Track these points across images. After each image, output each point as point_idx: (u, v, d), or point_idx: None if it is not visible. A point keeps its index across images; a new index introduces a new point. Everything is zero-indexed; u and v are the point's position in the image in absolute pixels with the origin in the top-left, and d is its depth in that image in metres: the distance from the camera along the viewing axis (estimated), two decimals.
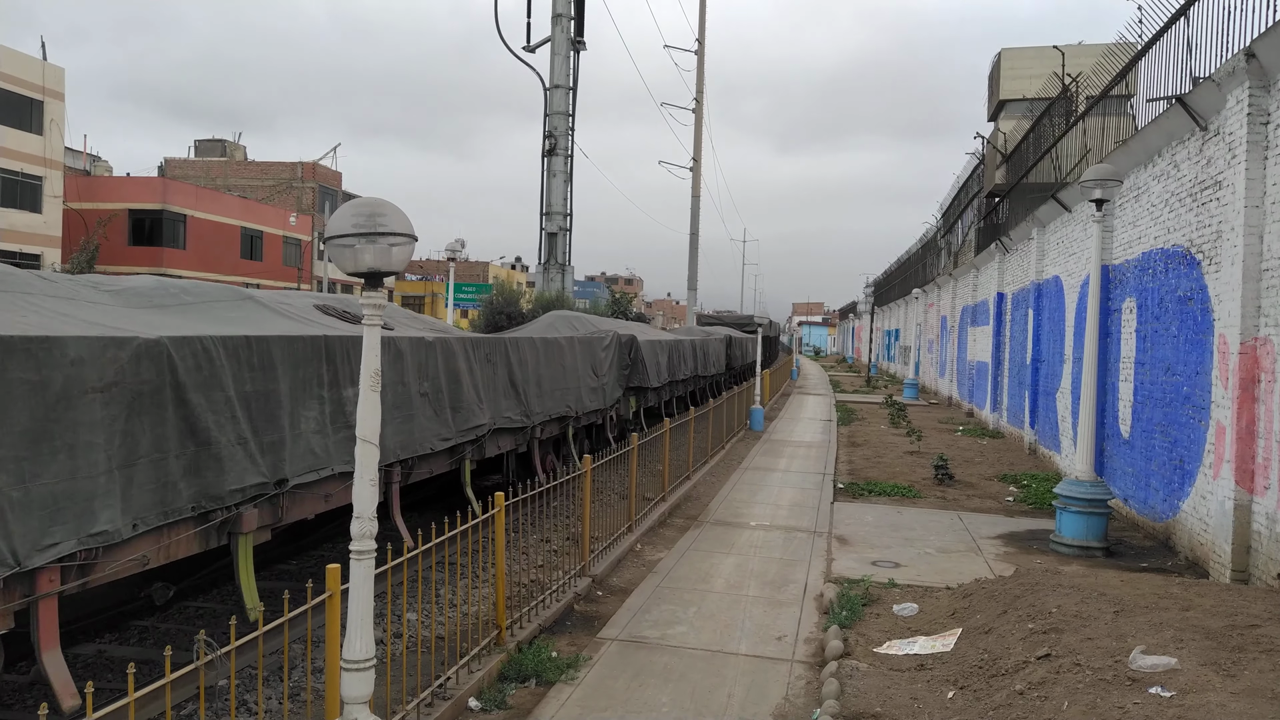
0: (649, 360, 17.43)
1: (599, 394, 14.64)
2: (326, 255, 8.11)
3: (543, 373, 12.11)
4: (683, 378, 21.71)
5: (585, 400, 13.91)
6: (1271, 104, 9.19)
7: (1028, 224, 20.92)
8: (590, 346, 14.63)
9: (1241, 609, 6.68)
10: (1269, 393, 8.97)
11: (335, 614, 4.71)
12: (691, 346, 23.20)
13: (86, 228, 43.25)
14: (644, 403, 18.23)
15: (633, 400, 17.16)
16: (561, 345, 13.12)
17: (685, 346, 22.25)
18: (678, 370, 20.84)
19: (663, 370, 18.82)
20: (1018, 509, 13.87)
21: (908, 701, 6.10)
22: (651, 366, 17.59)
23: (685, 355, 22.04)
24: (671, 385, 20.66)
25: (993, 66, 36.52)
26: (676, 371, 20.63)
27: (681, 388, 22.54)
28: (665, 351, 19.31)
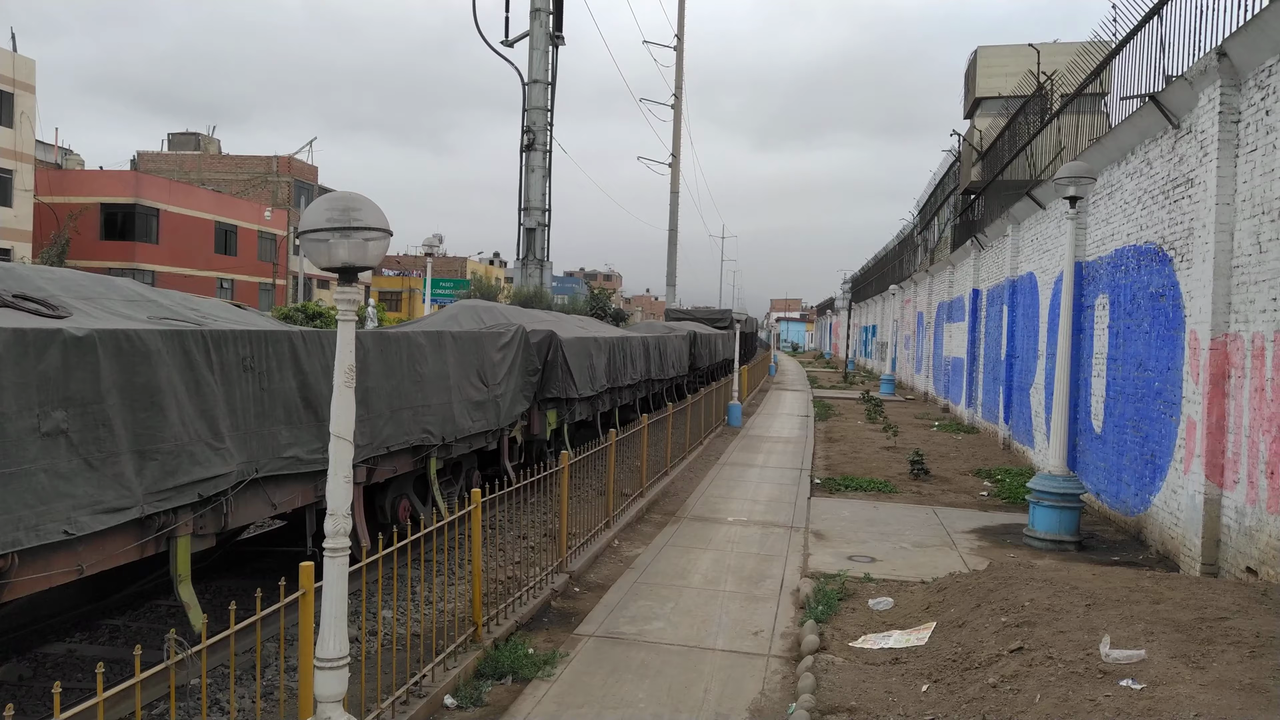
0: (576, 363, 14.22)
1: (488, 410, 11.00)
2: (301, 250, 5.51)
3: (379, 385, 8.41)
4: (629, 382, 18.24)
5: (462, 420, 10.18)
6: (1243, 102, 9.30)
7: (1003, 221, 21.08)
8: (476, 346, 10.87)
9: (1211, 602, 6.76)
10: (1239, 388, 9.08)
11: (309, 612, 4.67)
12: (643, 346, 19.84)
13: (58, 222, 42.69)
14: (570, 416, 14.38)
15: (552, 415, 13.68)
16: (419, 344, 9.33)
17: (634, 346, 18.86)
18: (623, 374, 17.59)
19: (598, 375, 15.65)
20: (992, 503, 13.99)
21: (882, 695, 6.13)
22: (581, 371, 14.49)
23: (633, 356, 18.67)
24: (614, 393, 17.28)
25: (969, 64, 36.75)
26: (621, 375, 17.40)
27: (628, 394, 18.82)
28: (604, 352, 16.18)
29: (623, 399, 18.30)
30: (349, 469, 4.55)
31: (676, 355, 24.30)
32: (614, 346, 17.04)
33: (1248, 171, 9.07)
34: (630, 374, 18.31)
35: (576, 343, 14.51)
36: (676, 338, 24.76)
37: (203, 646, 4.18)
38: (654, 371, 21.06)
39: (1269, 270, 8.54)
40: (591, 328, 18.59)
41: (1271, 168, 8.58)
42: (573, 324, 17.67)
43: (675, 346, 24.24)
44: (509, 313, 14.99)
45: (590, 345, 15.28)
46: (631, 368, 18.45)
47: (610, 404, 17.18)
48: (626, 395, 18.62)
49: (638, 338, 19.76)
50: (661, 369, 21.98)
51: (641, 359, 19.56)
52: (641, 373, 19.43)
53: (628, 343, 18.35)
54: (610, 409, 17.42)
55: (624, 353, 17.94)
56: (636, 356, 19.05)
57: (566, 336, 14.17)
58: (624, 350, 17.94)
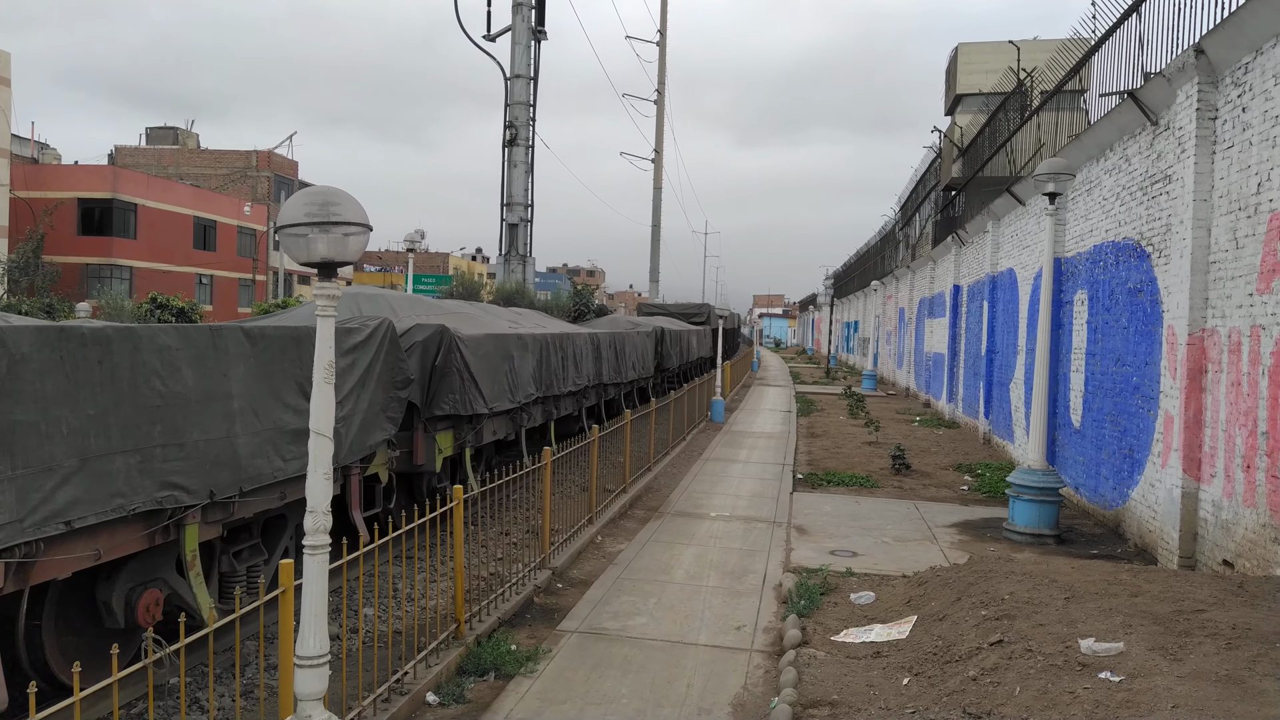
0: (484, 368, 11.10)
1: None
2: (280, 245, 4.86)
3: (49, 416, 5.11)
4: (571, 389, 15.33)
5: (261, 460, 6.85)
6: (1220, 99, 9.38)
7: (983, 217, 21.19)
8: (295, 349, 7.37)
9: (1188, 594, 6.83)
10: (1216, 383, 9.17)
11: (289, 610, 4.64)
12: (592, 345, 16.76)
13: (34, 217, 42.17)
14: (475, 438, 11.20)
15: (446, 438, 10.48)
16: (163, 347, 5.98)
17: (578, 345, 15.74)
18: (561, 379, 14.72)
19: (521, 382, 12.62)
20: (972, 498, 14.08)
21: (864, 689, 6.16)
22: (492, 378, 11.46)
23: (577, 357, 15.67)
24: (548, 403, 14.36)
25: (950, 61, 36.93)
26: (559, 381, 14.59)
27: (570, 403, 15.87)
28: (532, 353, 13.17)
29: (562, 409, 15.44)
30: (329, 466, 4.52)
31: (639, 355, 21.31)
32: (548, 346, 14.02)
33: (1225, 168, 9.16)
34: (573, 378, 15.43)
35: (486, 341, 11.34)
36: (639, 335, 21.77)
37: (181, 645, 4.15)
38: (608, 374, 17.92)
39: (1245, 266, 8.63)
40: (527, 322, 15.60)
41: (1248, 164, 8.66)
42: (495, 318, 14.34)
43: (637, 345, 21.18)
44: (399, 303, 11.89)
45: (511, 345, 12.30)
46: (575, 370, 15.52)
47: (543, 416, 14.27)
48: (568, 404, 15.77)
49: (584, 335, 16.52)
50: (618, 371, 18.90)
51: (589, 360, 16.59)
52: (590, 376, 16.50)
53: (569, 341, 15.27)
54: (544, 422, 14.49)
55: (563, 353, 14.89)
56: (582, 357, 16.10)
57: (471, 333, 11.16)
58: (563, 350, 14.89)
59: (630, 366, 20.21)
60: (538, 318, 17.64)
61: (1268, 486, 8.04)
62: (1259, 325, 8.33)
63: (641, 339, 21.92)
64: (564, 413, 15.68)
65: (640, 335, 21.92)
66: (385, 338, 8.91)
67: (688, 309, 37.42)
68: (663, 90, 47.28)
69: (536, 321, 16.52)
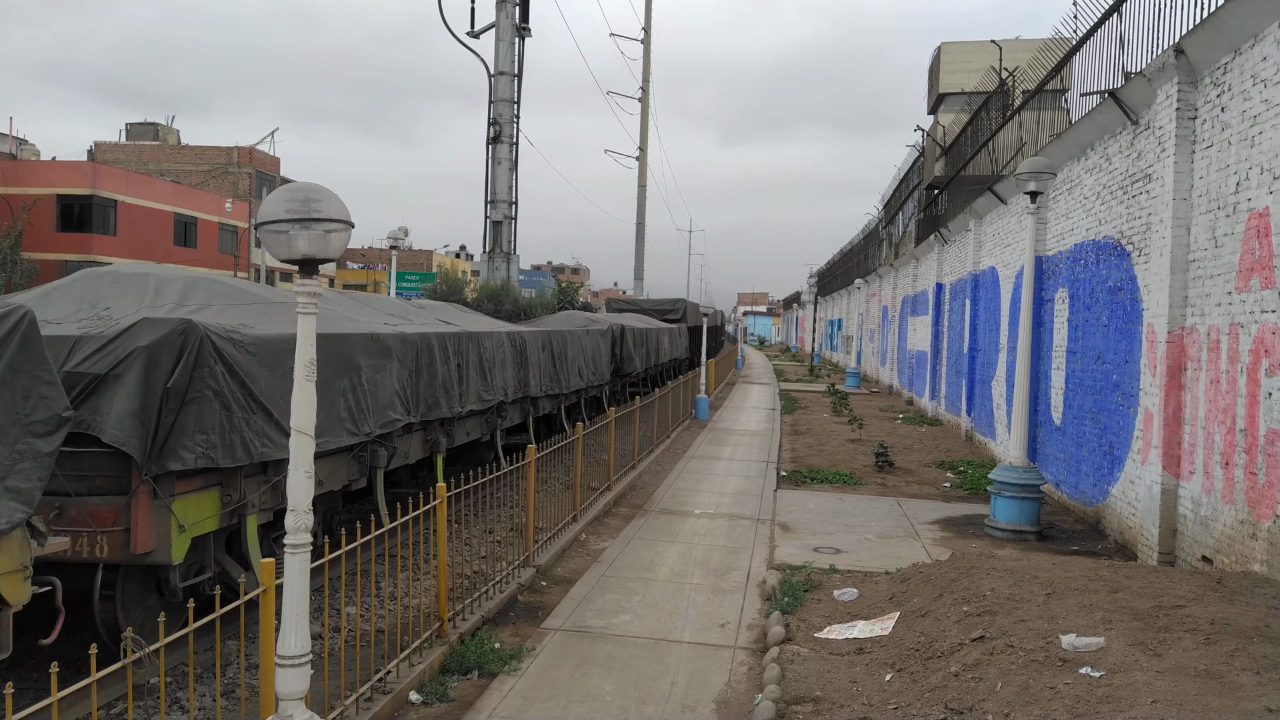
0: (279, 389, 7.19)
1: None
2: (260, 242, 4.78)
3: None
4: (475, 408, 11.67)
5: None
6: (1199, 99, 9.45)
7: (965, 216, 21.30)
8: None
9: (1168, 590, 6.89)
10: (1195, 381, 9.26)
11: (270, 609, 4.61)
12: (514, 348, 13.29)
13: (11, 213, 41.73)
14: (270, 497, 7.45)
15: (194, 508, 6.58)
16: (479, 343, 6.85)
17: (491, 349, 12.24)
18: (456, 395, 11.00)
19: (379, 404, 9.01)
20: (955, 495, 14.15)
21: (847, 685, 6.18)
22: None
23: (488, 364, 12.10)
24: (430, 429, 10.55)
25: (933, 60, 37.07)
26: (450, 399, 10.79)
27: (477, 425, 12.16)
28: (401, 361, 9.52)
29: (463, 434, 11.63)
30: (310, 464, 4.49)
31: (588, 358, 17.93)
32: (431, 351, 10.28)
33: (1204, 167, 9.24)
34: (478, 392, 11.76)
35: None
36: (589, 334, 18.31)
37: (160, 644, 4.11)
38: (539, 384, 14.63)
39: (1224, 264, 8.71)
40: (424, 317, 12.10)
41: (1227, 164, 8.74)
42: (372, 311, 10.83)
43: (585, 346, 17.80)
44: (190, 288, 8.38)
45: (358, 349, 8.63)
46: (482, 382, 11.91)
47: (425, 448, 10.50)
48: (472, 426, 12.04)
49: (501, 335, 12.80)
50: (557, 379, 15.67)
51: (507, 367, 12.96)
52: (509, 388, 12.99)
53: (471, 344, 11.50)
54: (427, 454, 10.60)
55: (461, 359, 11.17)
56: (496, 364, 12.46)
57: (262, 332, 7.29)
58: (461, 355, 11.16)
59: (575, 372, 16.88)
60: (448, 312, 14.01)
61: (1246, 483, 8.12)
62: (1237, 323, 8.41)
63: (593, 339, 18.61)
64: (463, 439, 11.72)
65: (591, 335, 18.58)
66: (17, 340, 4.93)
67: (661, 305, 34.50)
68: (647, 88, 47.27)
69: (441, 317, 12.90)
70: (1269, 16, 8.00)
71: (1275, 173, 7.86)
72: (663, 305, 34.41)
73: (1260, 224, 8.06)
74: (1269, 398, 7.82)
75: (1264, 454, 7.85)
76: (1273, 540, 7.60)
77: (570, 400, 17.33)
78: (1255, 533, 7.90)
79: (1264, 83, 8.10)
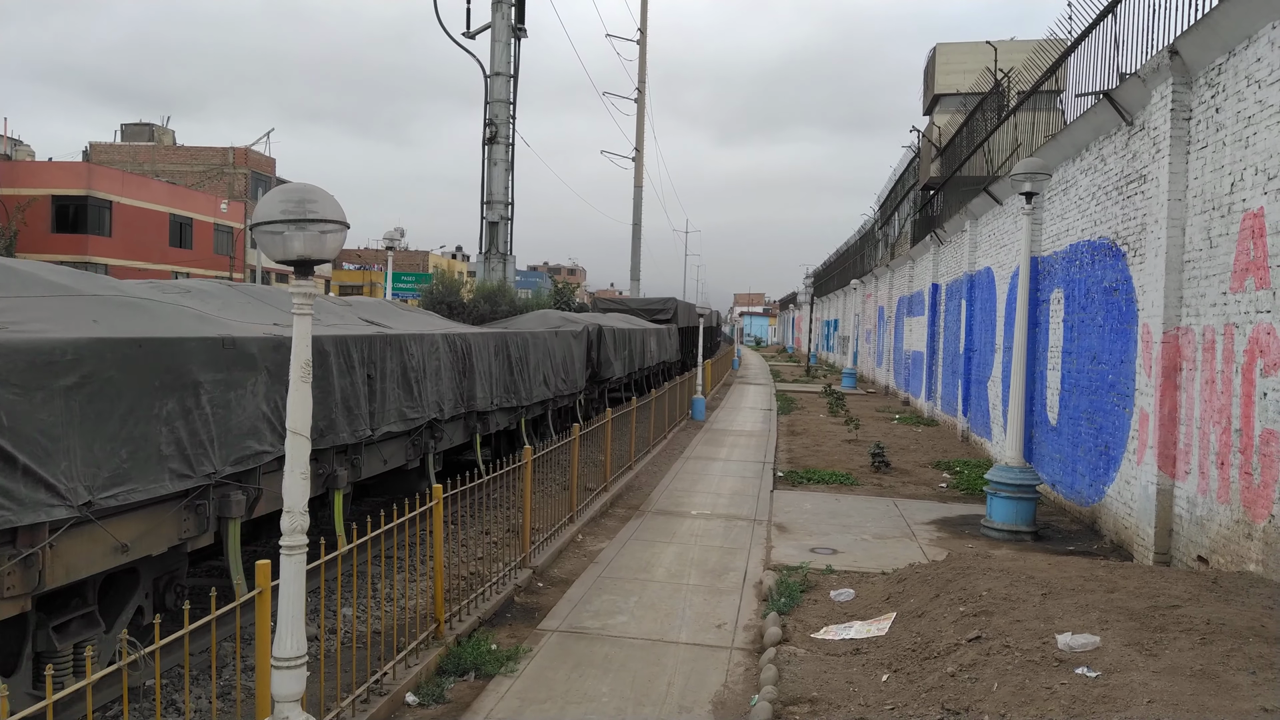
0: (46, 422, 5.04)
1: None
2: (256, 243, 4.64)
3: None
4: (397, 429, 9.63)
5: None
6: (1194, 100, 9.47)
7: (961, 216, 21.32)
8: None
9: (1163, 590, 6.90)
10: (1190, 381, 9.27)
11: (265, 611, 4.60)
12: (451, 352, 11.17)
13: (6, 214, 41.63)
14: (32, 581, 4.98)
15: None
16: None
17: (418, 355, 10.17)
18: (369, 414, 9.01)
19: (230, 434, 6.75)
20: (951, 495, 14.17)
21: (843, 685, 6.18)
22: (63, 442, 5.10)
23: (413, 375, 10.04)
24: (324, 460, 8.38)
25: (928, 61, 37.13)
26: (362, 419, 8.83)
27: (400, 450, 10.03)
28: (268, 373, 7.28)
29: (377, 462, 9.45)
30: (306, 465, 4.48)
31: (557, 364, 15.79)
32: (326, 359, 8.18)
33: (1199, 168, 9.26)
34: (400, 409, 9.69)
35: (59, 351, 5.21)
36: (557, 336, 16.05)
37: (156, 647, 4.10)
38: (489, 396, 12.38)
39: (1219, 265, 8.72)
40: (329, 316, 10.04)
41: (1221, 164, 8.76)
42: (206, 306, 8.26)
43: (553, 350, 15.56)
44: None
45: (191, 358, 6.41)
46: (406, 397, 9.83)
47: (321, 483, 8.30)
48: (393, 452, 9.81)
49: (434, 337, 10.72)
50: (514, 389, 13.43)
51: (444, 378, 10.83)
52: (444, 403, 10.83)
53: (383, 349, 9.28)
54: (321, 491, 8.31)
55: (372, 368, 9.02)
56: (428, 374, 10.38)
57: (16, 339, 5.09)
58: (371, 363, 9.01)
59: (540, 381, 14.78)
60: (382, 311, 11.89)
61: (1241, 483, 8.14)
62: (1232, 323, 8.43)
63: (563, 342, 16.34)
64: (378, 467, 9.53)
65: (562, 337, 16.39)
66: None
67: (650, 304, 32.68)
68: (643, 89, 47.28)
69: (368, 316, 10.97)
70: (1263, 17, 8.02)
71: (1270, 173, 7.88)
72: (652, 305, 32.62)
73: (1255, 224, 8.08)
74: (1264, 398, 7.84)
75: (1259, 454, 7.86)
76: (1268, 540, 7.62)
77: (535, 412, 15.08)
78: (1250, 533, 7.92)
79: (1258, 83, 8.12)
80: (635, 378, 24.12)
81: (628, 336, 22.14)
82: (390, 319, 11.55)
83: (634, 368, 23.12)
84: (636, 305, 32.48)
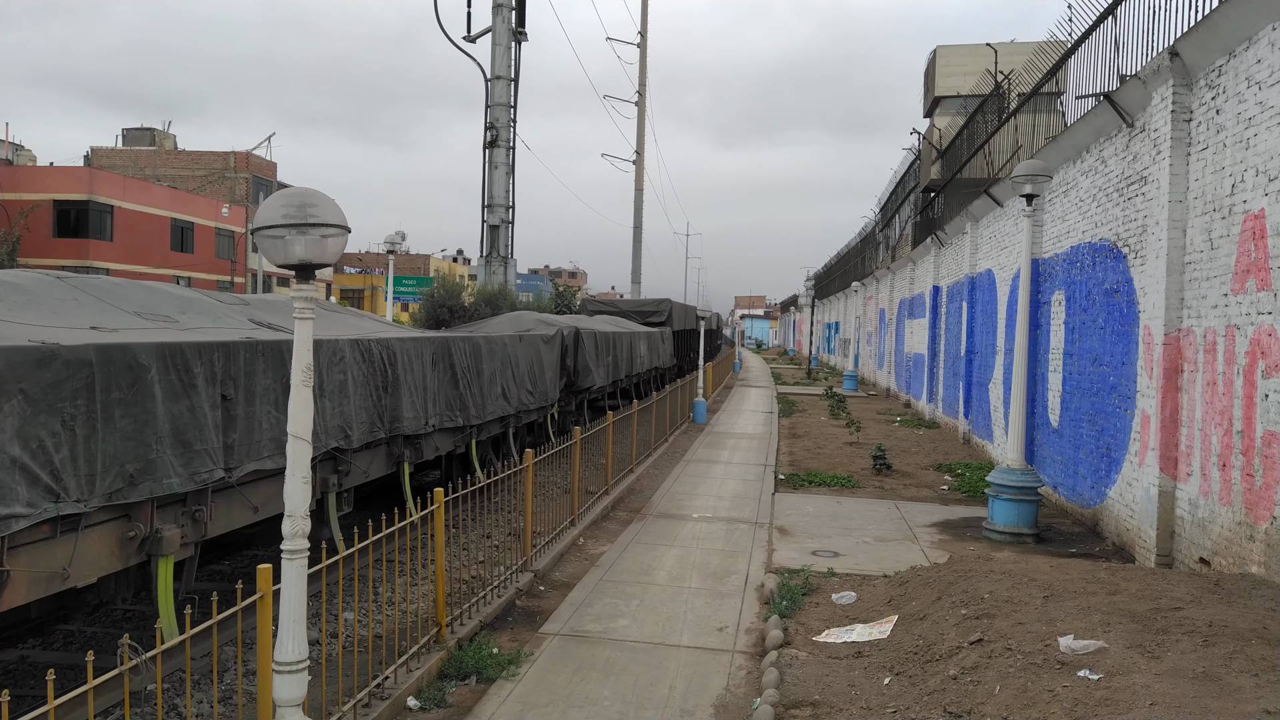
0: None
1: None
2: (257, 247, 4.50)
3: None
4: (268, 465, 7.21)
5: None
6: (1194, 101, 9.47)
7: (962, 218, 21.32)
8: None
9: (1165, 592, 6.89)
10: (1192, 383, 9.26)
11: (267, 615, 4.60)
12: (366, 363, 9.09)
13: (8, 219, 41.69)
14: None
15: None
16: None
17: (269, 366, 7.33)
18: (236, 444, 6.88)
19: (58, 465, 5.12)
20: (952, 497, 14.15)
21: (845, 689, 6.17)
22: None
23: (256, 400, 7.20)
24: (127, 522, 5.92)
25: (928, 63, 37.16)
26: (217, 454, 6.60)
27: (270, 495, 7.42)
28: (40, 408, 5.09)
29: (244, 510, 7.21)
30: (307, 470, 4.48)
31: (522, 373, 13.62)
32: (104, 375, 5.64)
33: (1199, 169, 9.25)
34: (275, 441, 7.30)
35: None
36: (523, 341, 14.05)
37: (158, 651, 4.10)
38: (425, 415, 10.25)
39: (1220, 266, 8.72)
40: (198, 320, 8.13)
41: (1222, 166, 8.75)
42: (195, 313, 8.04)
43: (516, 356, 13.43)
44: None
45: None
46: (279, 424, 7.29)
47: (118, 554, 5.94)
48: (270, 496, 7.44)
49: (339, 343, 8.60)
50: (461, 405, 11.25)
51: (350, 395, 8.66)
52: (360, 427, 8.83)
53: (242, 359, 7.02)
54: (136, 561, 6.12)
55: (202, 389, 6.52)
56: (321, 390, 8.14)
57: None
58: (203, 380, 6.53)
59: (499, 393, 12.57)
60: (285, 312, 9.63)
61: (1243, 485, 8.13)
62: (1234, 325, 8.42)
63: (529, 347, 14.15)
64: (242, 518, 7.22)
65: (529, 342, 14.28)
66: None
67: (644, 306, 30.87)
68: (644, 92, 47.32)
69: (263, 319, 9.05)
70: (1263, 19, 8.02)
71: (1270, 175, 7.87)
72: (645, 307, 30.71)
73: (1256, 226, 8.07)
74: (1265, 399, 7.83)
75: (1261, 456, 7.86)
76: (1270, 542, 7.61)
77: (492, 431, 12.68)
78: (1253, 535, 7.91)
79: (1258, 85, 8.12)
80: (622, 386, 22.01)
81: (612, 341, 20.04)
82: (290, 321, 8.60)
83: (620, 375, 21.06)
84: (628, 307, 30.95)
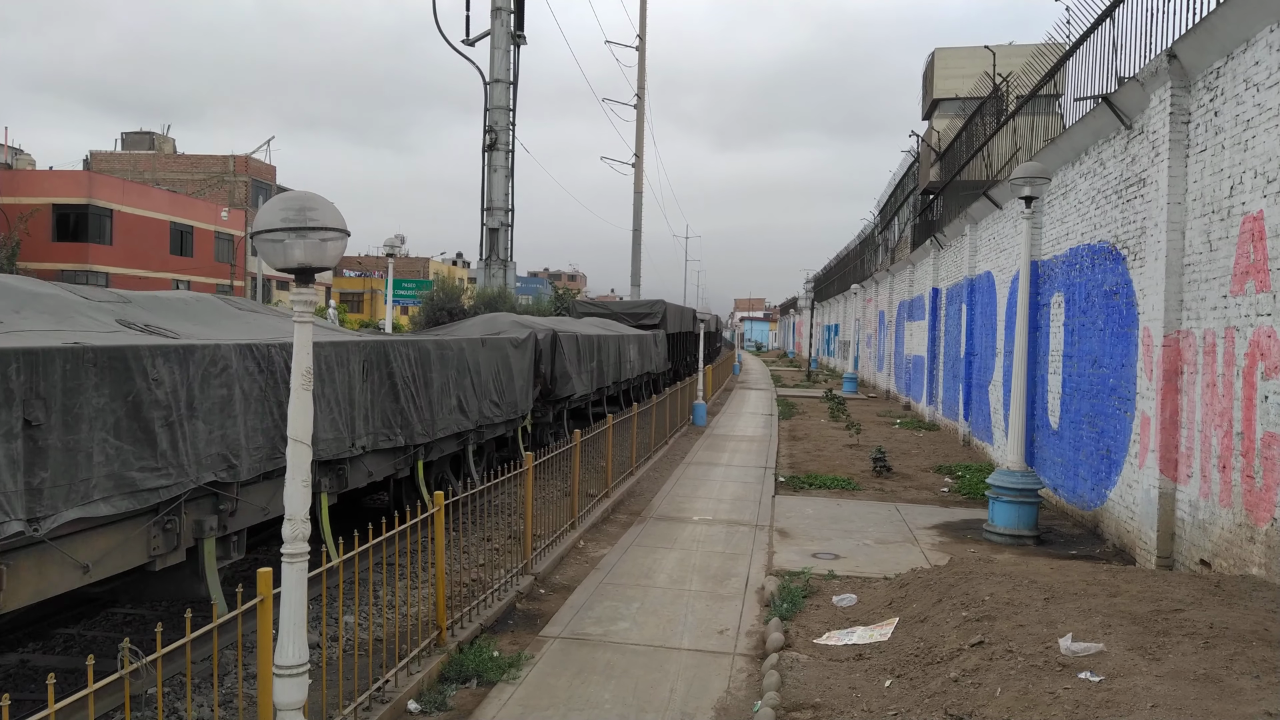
0: None
1: None
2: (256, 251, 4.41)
3: None
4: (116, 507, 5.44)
5: None
6: (1192, 103, 9.49)
7: (961, 221, 21.33)
8: None
9: (1166, 594, 6.89)
10: (1191, 384, 9.27)
11: (267, 619, 4.60)
12: (255, 368, 6.99)
13: (8, 223, 41.70)
14: None
15: None
16: None
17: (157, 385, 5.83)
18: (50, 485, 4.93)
19: None
20: (952, 499, 14.15)
21: (846, 691, 6.17)
22: None
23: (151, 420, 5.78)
24: None
25: (927, 65, 37.19)
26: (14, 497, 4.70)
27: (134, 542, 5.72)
28: None
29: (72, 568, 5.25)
30: (307, 473, 4.48)
31: (482, 382, 11.89)
32: None
33: (1198, 171, 9.26)
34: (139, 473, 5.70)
35: None
36: (485, 345, 12.22)
37: (158, 655, 4.10)
38: (348, 437, 8.41)
39: (1219, 268, 8.73)
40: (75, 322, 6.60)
41: (1220, 167, 8.76)
42: None
43: (477, 363, 11.74)
44: None
45: None
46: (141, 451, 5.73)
47: None
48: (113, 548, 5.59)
49: (222, 350, 6.67)
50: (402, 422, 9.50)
51: (241, 416, 6.81)
52: (250, 458, 6.88)
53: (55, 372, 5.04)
54: None
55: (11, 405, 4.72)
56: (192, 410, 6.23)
57: None
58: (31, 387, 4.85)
59: (453, 406, 10.89)
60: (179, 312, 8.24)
61: (1243, 486, 8.13)
62: (1233, 327, 8.43)
63: (494, 353, 12.45)
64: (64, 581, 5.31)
65: (494, 346, 12.51)
66: None
67: (636, 308, 29.30)
68: (642, 95, 47.36)
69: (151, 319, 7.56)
70: (1260, 21, 8.04)
71: (1269, 176, 7.88)
72: (637, 309, 29.08)
73: (1255, 227, 8.08)
74: (1265, 401, 7.83)
75: (1261, 457, 7.86)
76: (1270, 543, 7.61)
77: (446, 449, 10.89)
78: (1253, 536, 7.91)
79: (1256, 86, 8.13)
80: (609, 393, 20.17)
81: (596, 345, 17.97)
82: (196, 324, 8.05)
83: (606, 382, 19.04)
84: (620, 309, 29.34)
